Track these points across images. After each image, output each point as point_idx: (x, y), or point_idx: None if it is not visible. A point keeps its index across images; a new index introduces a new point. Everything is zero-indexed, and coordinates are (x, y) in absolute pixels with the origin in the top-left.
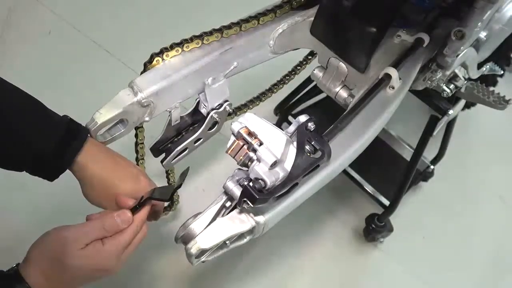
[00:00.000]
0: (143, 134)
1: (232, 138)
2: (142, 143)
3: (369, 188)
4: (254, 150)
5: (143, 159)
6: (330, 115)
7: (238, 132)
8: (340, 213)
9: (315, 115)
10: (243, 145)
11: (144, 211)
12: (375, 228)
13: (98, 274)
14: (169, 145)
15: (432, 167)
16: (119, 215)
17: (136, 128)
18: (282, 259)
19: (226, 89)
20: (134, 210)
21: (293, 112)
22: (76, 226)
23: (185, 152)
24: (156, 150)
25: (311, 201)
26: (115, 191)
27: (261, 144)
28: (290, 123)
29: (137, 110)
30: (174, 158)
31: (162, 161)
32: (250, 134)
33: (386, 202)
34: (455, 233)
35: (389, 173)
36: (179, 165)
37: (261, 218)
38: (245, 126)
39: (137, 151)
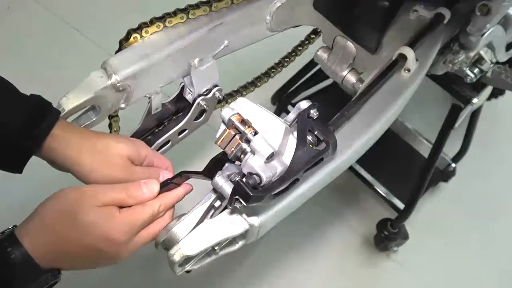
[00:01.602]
0: (118, 124)
1: (222, 126)
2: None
3: (380, 188)
4: (248, 141)
5: None
6: (336, 104)
7: (229, 119)
8: (347, 218)
9: (319, 104)
10: (235, 134)
11: (174, 192)
12: (387, 235)
13: (104, 246)
14: (149, 137)
15: (453, 165)
16: (146, 183)
17: (110, 117)
18: (280, 271)
19: (215, 72)
20: (164, 186)
21: (293, 100)
22: (95, 185)
23: (167, 146)
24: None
25: (314, 203)
26: (117, 152)
27: (255, 133)
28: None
29: (111, 96)
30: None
31: None
32: (243, 122)
33: (401, 205)
34: (481, 242)
35: (404, 171)
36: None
37: (255, 220)
38: (238, 113)
39: None
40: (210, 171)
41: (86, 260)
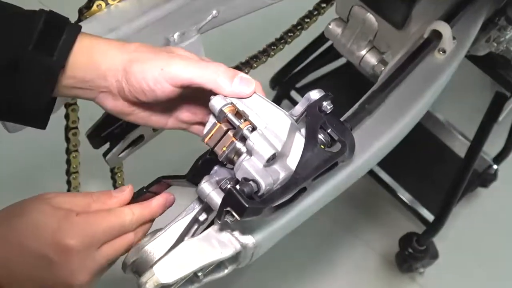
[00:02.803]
0: (77, 114)
1: (212, 119)
2: (76, 127)
3: (405, 196)
4: (244, 138)
5: (76, 151)
6: (351, 91)
7: (221, 110)
8: (364, 232)
9: (330, 91)
10: (228, 130)
11: (152, 202)
12: (413, 254)
13: (53, 253)
14: (116, 131)
15: (495, 167)
16: (118, 189)
17: (67, 106)
18: None
19: (201, 50)
20: (139, 196)
21: (298, 85)
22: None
23: (140, 142)
24: (97, 138)
25: (322, 212)
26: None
27: (253, 129)
28: (293, 102)
29: None
30: (124, 150)
31: (105, 154)
32: (238, 114)
33: (430, 217)
34: None
35: (434, 175)
36: (131, 162)
37: (249, 239)
38: (231, 103)
39: (68, 139)
40: (195, 176)
41: (31, 274)
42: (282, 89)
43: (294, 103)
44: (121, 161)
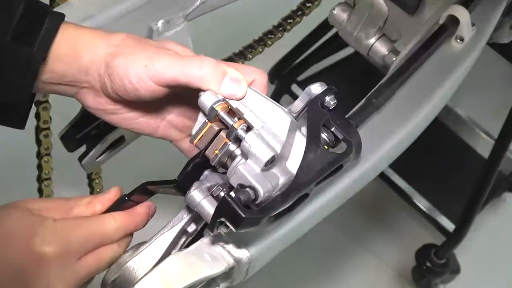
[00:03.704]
0: (49, 113)
1: (202, 118)
2: (48, 128)
3: (421, 203)
4: (238, 140)
5: (48, 154)
6: (358, 84)
7: (212, 108)
8: (375, 244)
9: (335, 84)
10: (220, 130)
11: (135, 210)
12: (431, 268)
13: (27, 262)
14: (93, 132)
15: None
16: (106, 192)
17: (38, 103)
18: None
19: (188, 40)
20: (120, 204)
21: (300, 78)
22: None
23: (121, 145)
24: (71, 139)
25: (328, 225)
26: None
27: (249, 129)
28: (294, 97)
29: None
30: (102, 154)
31: (80, 158)
32: (232, 112)
33: (450, 226)
34: None
35: (455, 178)
36: (111, 166)
37: (243, 253)
38: (224, 100)
39: (38, 141)
40: (186, 182)
41: None
42: (281, 83)
43: (295, 98)
44: (99, 166)
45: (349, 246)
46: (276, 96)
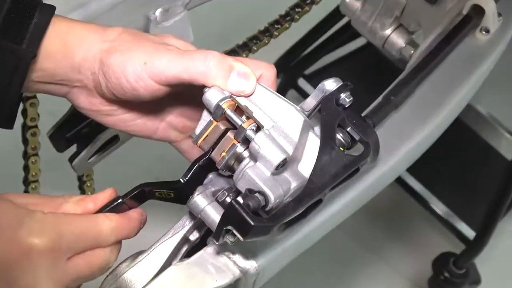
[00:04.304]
0: (37, 109)
1: (206, 116)
2: (35, 126)
3: (439, 208)
4: (247, 141)
5: (36, 154)
6: (371, 80)
7: (218, 106)
8: (389, 253)
9: (346, 80)
10: (226, 130)
11: (128, 213)
12: (450, 279)
13: (11, 254)
14: (85, 130)
15: None
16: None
17: (25, 99)
18: None
19: (188, 31)
20: (114, 207)
21: (307, 72)
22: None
23: (115, 144)
24: (61, 139)
25: (339, 232)
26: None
27: (258, 129)
28: (301, 92)
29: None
30: (94, 154)
31: (71, 159)
32: (239, 110)
33: (470, 234)
34: None
35: (476, 182)
36: (104, 168)
37: (251, 263)
38: (230, 96)
39: (25, 141)
40: (190, 185)
41: None
42: (287, 77)
43: (302, 93)
44: (91, 167)
45: (360, 255)
46: (281, 91)
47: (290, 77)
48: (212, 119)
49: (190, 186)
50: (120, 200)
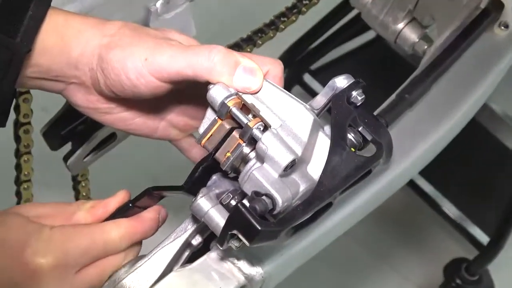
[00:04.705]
0: (30, 105)
1: (211, 115)
2: (28, 123)
3: (452, 211)
4: (253, 141)
5: (29, 153)
6: (382, 76)
7: (223, 104)
8: (398, 259)
9: (354, 76)
10: (232, 129)
11: (141, 216)
12: (461, 286)
13: (17, 273)
14: (80, 128)
15: None
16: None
17: (18, 95)
18: None
19: (190, 23)
20: (123, 211)
21: (313, 67)
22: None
23: (112, 143)
24: (55, 136)
25: (346, 237)
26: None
27: (265, 128)
28: (306, 88)
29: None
30: (90, 153)
31: (66, 158)
32: (245, 108)
33: (483, 238)
34: None
35: (489, 183)
36: (100, 168)
37: (256, 270)
38: (236, 94)
39: (18, 138)
40: (195, 186)
41: None
42: (292, 72)
43: (308, 89)
44: (86, 167)
45: (368, 260)
46: (285, 87)
47: (295, 72)
48: (216, 118)
49: (195, 188)
50: (130, 205)
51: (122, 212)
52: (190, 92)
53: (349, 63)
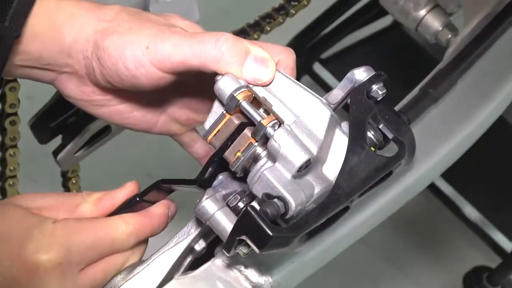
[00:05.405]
0: (17, 95)
1: (218, 108)
2: (15, 113)
3: (472, 215)
4: (265, 138)
5: (15, 146)
6: (400, 67)
7: (232, 97)
8: (414, 266)
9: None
10: (241, 125)
11: (150, 212)
12: None
13: (16, 269)
14: (71, 120)
15: None
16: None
17: (5, 83)
18: None
19: (193, 7)
20: (130, 205)
21: (324, 55)
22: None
23: (106, 136)
24: (44, 129)
25: (358, 243)
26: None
27: (279, 125)
28: (316, 78)
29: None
30: (82, 148)
31: (55, 153)
32: (256, 102)
33: (507, 245)
34: None
35: None
36: (92, 163)
37: (266, 279)
38: (247, 86)
39: (3, 130)
40: (207, 182)
41: None
42: (302, 60)
43: (318, 80)
44: (77, 162)
45: (382, 268)
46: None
47: (304, 61)
48: (224, 112)
49: (210, 183)
50: (137, 199)
51: (128, 206)
52: (193, 83)
53: (362, 51)
